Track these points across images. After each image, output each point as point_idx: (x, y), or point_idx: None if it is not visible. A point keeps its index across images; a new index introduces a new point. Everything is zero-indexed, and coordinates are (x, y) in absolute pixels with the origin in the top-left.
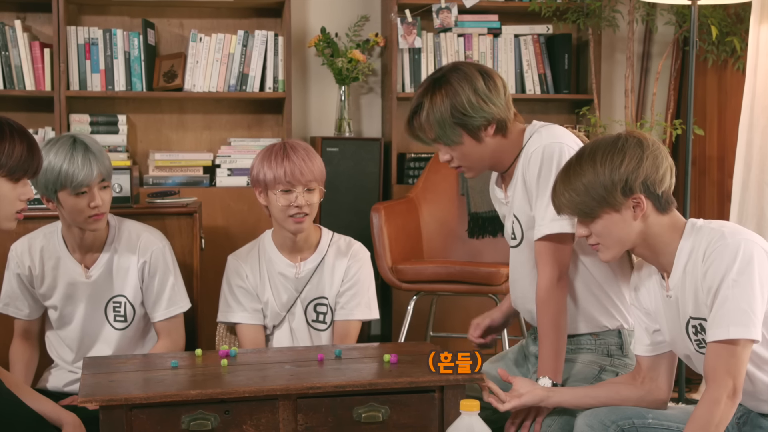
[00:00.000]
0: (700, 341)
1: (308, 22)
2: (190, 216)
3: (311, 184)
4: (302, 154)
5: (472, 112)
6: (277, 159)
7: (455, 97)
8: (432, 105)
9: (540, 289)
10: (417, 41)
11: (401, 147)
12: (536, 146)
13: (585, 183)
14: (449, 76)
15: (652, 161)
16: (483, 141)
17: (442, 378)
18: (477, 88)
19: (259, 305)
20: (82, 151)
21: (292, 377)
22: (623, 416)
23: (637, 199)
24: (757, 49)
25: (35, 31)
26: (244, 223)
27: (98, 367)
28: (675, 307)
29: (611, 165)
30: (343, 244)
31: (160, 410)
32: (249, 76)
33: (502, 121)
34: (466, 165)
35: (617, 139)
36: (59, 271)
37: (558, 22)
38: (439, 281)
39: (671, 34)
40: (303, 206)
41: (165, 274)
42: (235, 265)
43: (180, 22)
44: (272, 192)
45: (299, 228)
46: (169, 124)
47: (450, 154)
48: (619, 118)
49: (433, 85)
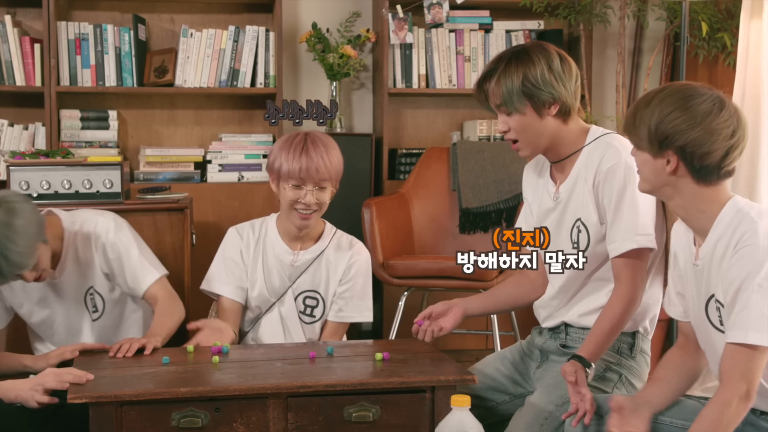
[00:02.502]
0: (722, 320)
1: (299, 17)
2: (181, 212)
3: (324, 182)
4: (321, 150)
5: (542, 86)
6: (295, 152)
7: (530, 68)
8: (505, 72)
9: (618, 301)
10: (408, 37)
11: (392, 143)
12: (615, 161)
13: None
14: (529, 49)
15: (705, 134)
16: (544, 118)
17: (433, 378)
18: (552, 65)
19: (246, 284)
20: None
21: (282, 375)
22: None
23: (667, 156)
24: (748, 45)
25: (25, 27)
26: (235, 219)
27: (89, 364)
28: (700, 278)
29: (660, 114)
30: (344, 241)
31: (150, 407)
32: (240, 71)
33: (566, 104)
34: (523, 139)
35: (698, 95)
36: None
37: (549, 17)
38: (431, 277)
39: (662, 29)
40: (311, 204)
41: (127, 250)
42: (234, 238)
43: (171, 17)
44: (284, 184)
45: (304, 224)
46: (159, 119)
47: (508, 124)
48: (610, 114)
49: (511, 56)
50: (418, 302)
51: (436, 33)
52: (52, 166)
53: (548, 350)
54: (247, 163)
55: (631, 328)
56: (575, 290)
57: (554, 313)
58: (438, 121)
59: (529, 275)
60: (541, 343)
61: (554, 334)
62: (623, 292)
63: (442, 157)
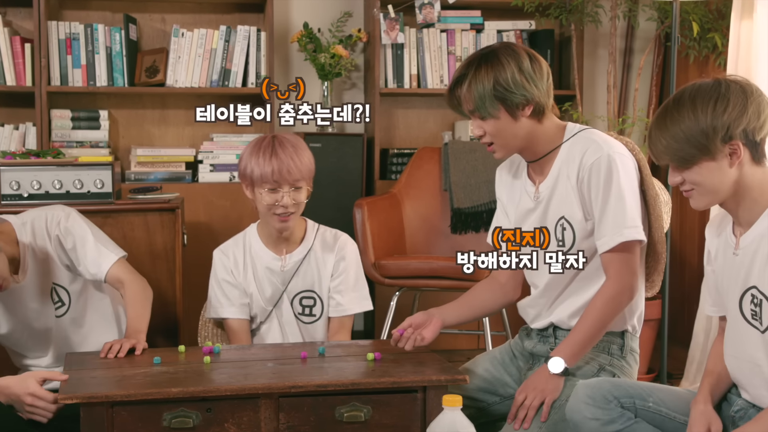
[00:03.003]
0: (755, 313)
1: (291, 17)
2: (173, 212)
3: (298, 183)
4: (290, 152)
5: (513, 88)
6: (265, 155)
7: (500, 71)
8: (475, 77)
9: (609, 289)
10: (400, 37)
11: (384, 143)
12: (597, 156)
13: (684, 129)
14: (498, 51)
15: (756, 108)
16: (519, 120)
17: (424, 378)
18: (522, 66)
19: (247, 299)
20: None
21: (274, 376)
22: (626, 394)
23: (734, 146)
24: (738, 46)
25: (16, 26)
26: (226, 219)
27: (80, 364)
28: (737, 268)
29: (713, 111)
30: (329, 236)
31: (141, 407)
32: (231, 71)
33: (540, 105)
34: (498, 142)
35: (718, 84)
36: None
37: (540, 17)
38: (422, 277)
39: (653, 30)
40: (289, 206)
41: (82, 237)
42: (221, 259)
43: (162, 17)
44: (258, 189)
45: (284, 226)
46: (151, 119)
47: (483, 128)
48: (602, 114)
49: (480, 59)
50: (409, 302)
51: (428, 33)
52: (42, 167)
53: (538, 354)
54: None
55: (619, 327)
56: (561, 288)
57: (542, 313)
58: (429, 121)
59: (500, 280)
60: (530, 347)
61: (543, 338)
62: (608, 287)
63: (433, 157)
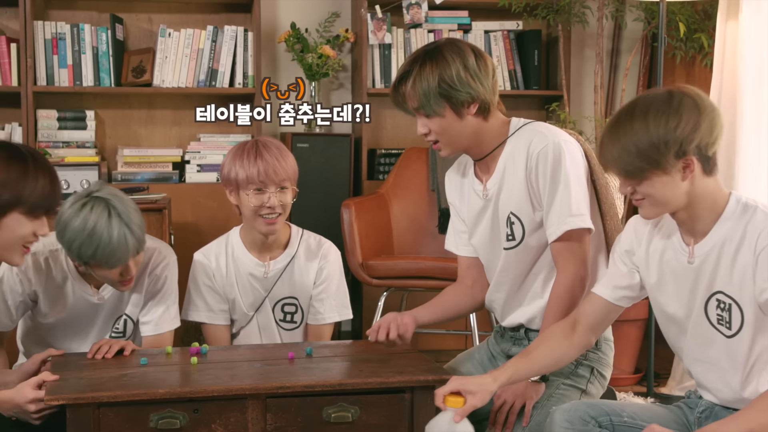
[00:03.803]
0: (722, 318)
1: (278, 17)
2: (160, 212)
3: (284, 183)
4: (275, 153)
5: (459, 86)
6: (249, 158)
7: (445, 69)
8: (420, 74)
9: (560, 286)
10: (387, 37)
11: (372, 143)
12: (542, 145)
13: (636, 142)
14: (442, 48)
15: (709, 124)
16: (464, 118)
17: (412, 379)
18: (468, 64)
19: (226, 305)
20: (117, 226)
21: (261, 376)
22: (602, 412)
23: (688, 161)
24: (724, 46)
25: (1, 26)
26: (213, 220)
27: (67, 366)
28: (695, 276)
29: (666, 126)
30: (313, 242)
31: (128, 408)
32: (218, 71)
33: (485, 102)
34: (444, 140)
35: (670, 97)
36: (66, 288)
37: (528, 18)
38: (410, 277)
39: (640, 30)
40: (275, 207)
41: (168, 291)
42: (203, 263)
43: (149, 17)
44: (244, 192)
45: (271, 229)
46: (137, 119)
47: (428, 126)
48: (589, 114)
49: (425, 56)
50: (397, 302)
51: (415, 33)
52: None
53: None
54: None
55: None
56: (513, 281)
57: (505, 309)
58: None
59: (466, 283)
60: (507, 349)
61: (516, 340)
62: (558, 284)
63: (421, 158)
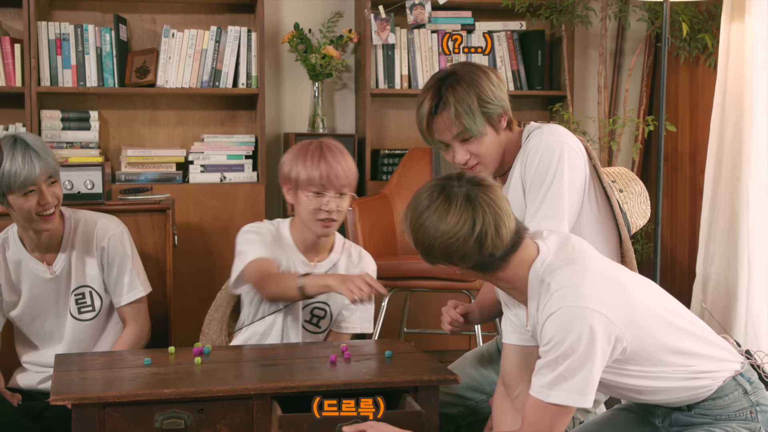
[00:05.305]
0: None
1: (281, 18)
2: (163, 213)
3: (344, 188)
4: (338, 156)
5: (494, 100)
6: (312, 159)
7: (478, 86)
8: (456, 98)
9: None
10: (390, 37)
11: (375, 143)
12: (536, 142)
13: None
14: (460, 71)
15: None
16: (500, 133)
17: (416, 378)
18: (491, 78)
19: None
20: (22, 150)
21: (266, 376)
22: None
23: None
24: (728, 46)
25: (5, 26)
26: (217, 220)
27: (71, 365)
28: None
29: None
30: (354, 252)
31: (133, 409)
32: (222, 72)
33: (509, 113)
34: (485, 161)
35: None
36: (21, 273)
37: (531, 18)
38: (414, 277)
39: (644, 30)
40: (333, 211)
41: (123, 259)
42: (254, 231)
43: (152, 17)
44: (303, 193)
45: (326, 232)
46: (141, 120)
47: (469, 151)
48: (592, 115)
49: (451, 81)
50: (400, 303)
51: (419, 33)
52: None
53: None
54: (230, 164)
55: None
56: None
57: None
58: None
59: None
60: None
61: None
62: None
63: (424, 158)
